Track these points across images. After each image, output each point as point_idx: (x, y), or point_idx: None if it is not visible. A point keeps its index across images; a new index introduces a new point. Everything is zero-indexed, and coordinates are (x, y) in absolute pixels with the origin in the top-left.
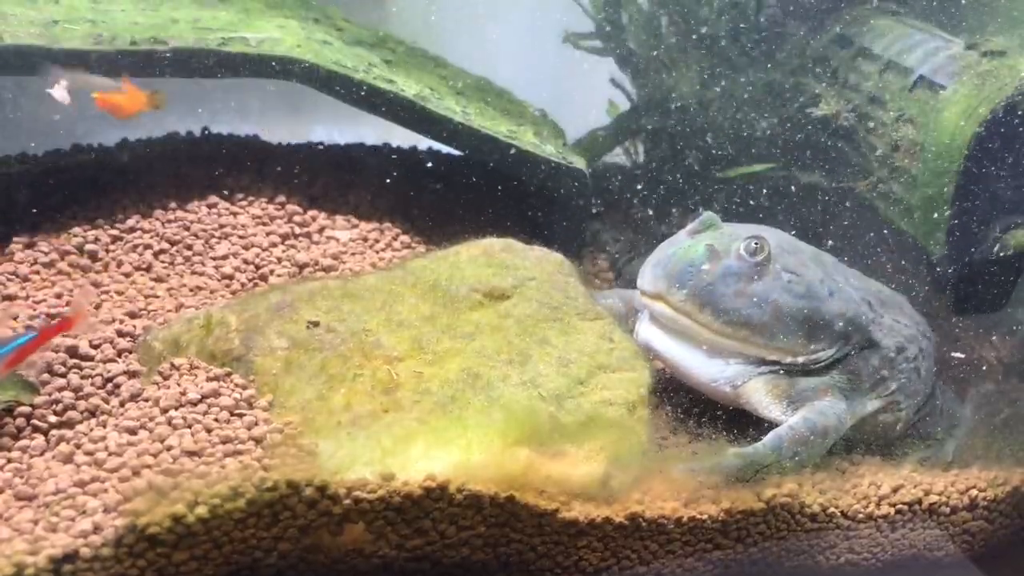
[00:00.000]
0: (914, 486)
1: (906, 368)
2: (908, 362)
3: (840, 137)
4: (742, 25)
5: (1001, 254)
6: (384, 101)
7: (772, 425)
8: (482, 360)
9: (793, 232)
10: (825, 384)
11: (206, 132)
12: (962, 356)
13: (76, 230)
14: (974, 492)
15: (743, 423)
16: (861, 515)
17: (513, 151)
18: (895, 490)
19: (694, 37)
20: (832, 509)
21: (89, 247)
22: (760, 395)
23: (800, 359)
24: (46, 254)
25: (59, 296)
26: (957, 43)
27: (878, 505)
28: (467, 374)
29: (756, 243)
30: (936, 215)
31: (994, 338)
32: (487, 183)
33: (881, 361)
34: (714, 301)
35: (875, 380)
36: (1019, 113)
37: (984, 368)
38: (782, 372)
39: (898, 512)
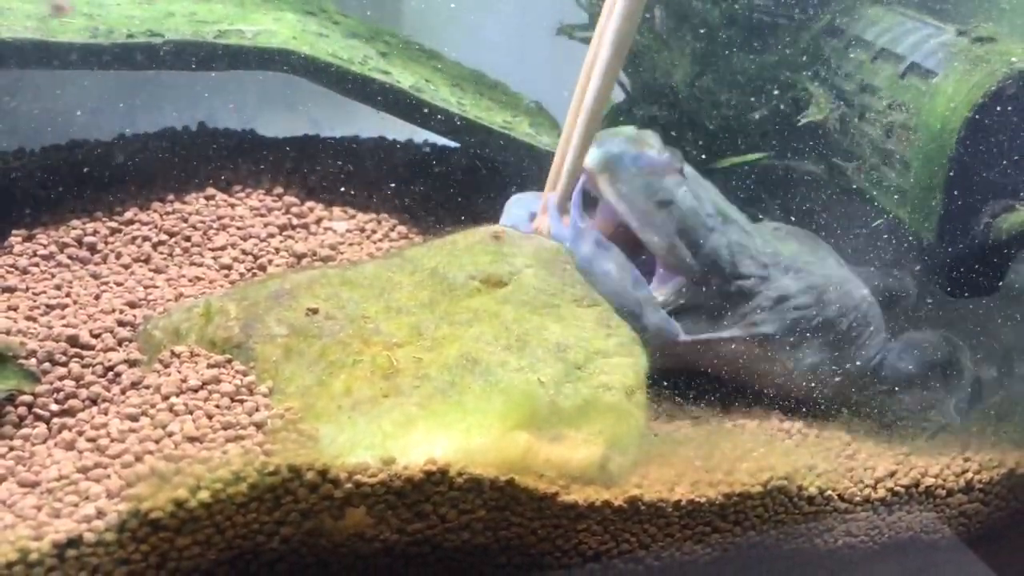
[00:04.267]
0: (910, 469)
1: (791, 316)
2: (795, 311)
3: (834, 127)
4: (736, 10)
5: (992, 239)
6: (380, 92)
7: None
8: (480, 346)
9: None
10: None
11: (202, 126)
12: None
13: (75, 223)
14: (970, 475)
15: (740, 406)
16: (858, 498)
17: (508, 142)
18: (891, 473)
19: (688, 27)
20: (829, 492)
21: (88, 239)
22: None
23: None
24: (45, 246)
25: (58, 288)
26: (948, 30)
27: (875, 488)
28: (466, 360)
29: (676, 152)
30: (929, 200)
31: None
32: (483, 174)
33: (747, 304)
34: (617, 170)
35: (739, 315)
36: (1009, 98)
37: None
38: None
39: (895, 495)
